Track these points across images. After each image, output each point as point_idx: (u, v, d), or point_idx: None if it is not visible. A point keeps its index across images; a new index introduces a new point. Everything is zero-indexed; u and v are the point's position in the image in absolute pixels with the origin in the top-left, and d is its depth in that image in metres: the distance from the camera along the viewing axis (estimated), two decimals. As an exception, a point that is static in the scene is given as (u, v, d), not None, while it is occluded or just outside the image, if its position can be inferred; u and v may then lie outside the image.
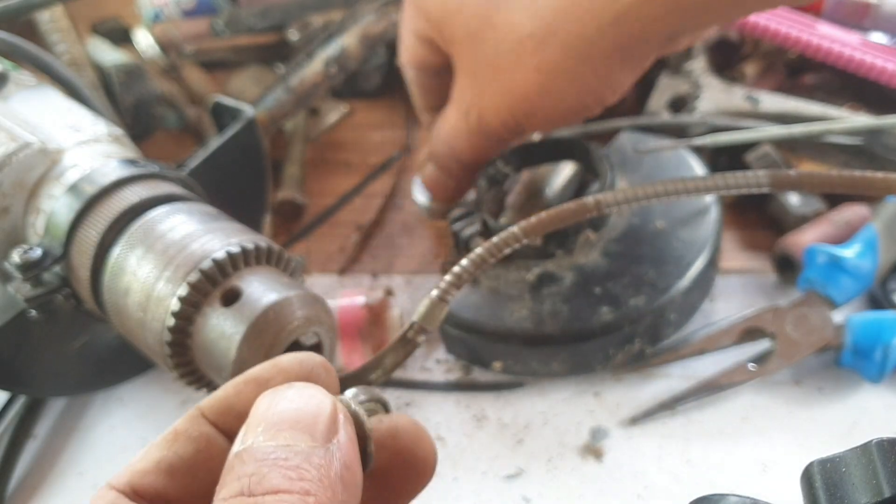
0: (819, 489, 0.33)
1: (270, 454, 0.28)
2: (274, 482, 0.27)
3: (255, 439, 0.29)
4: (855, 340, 0.70)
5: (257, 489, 0.27)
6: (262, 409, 0.30)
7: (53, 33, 1.03)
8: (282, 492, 0.27)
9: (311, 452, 0.28)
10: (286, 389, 0.31)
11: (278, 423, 0.29)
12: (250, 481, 0.27)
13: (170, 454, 0.32)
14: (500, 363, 0.73)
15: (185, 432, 0.33)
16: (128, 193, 0.59)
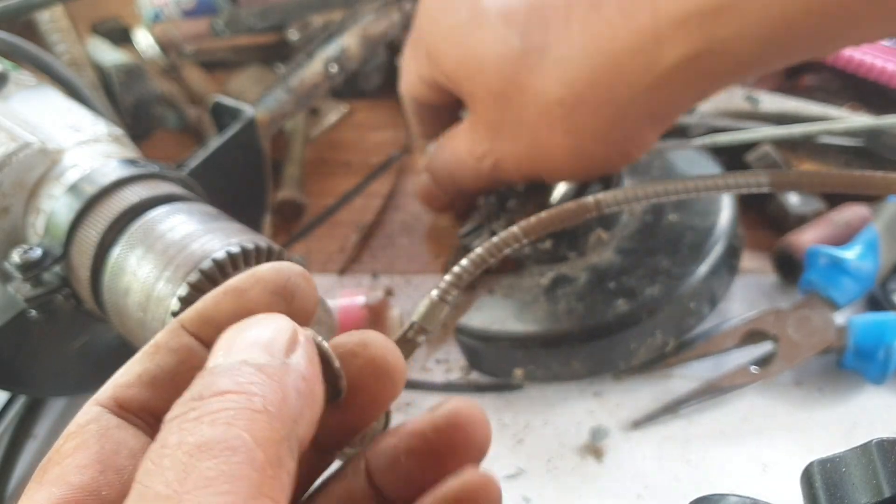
0: (819, 489, 0.33)
1: (226, 368, 0.28)
2: (222, 385, 0.27)
3: (215, 359, 0.29)
4: (857, 342, 0.70)
5: (206, 393, 0.27)
6: (227, 335, 0.31)
7: (53, 33, 1.03)
8: (230, 392, 0.27)
9: (265, 364, 0.28)
10: (248, 320, 0.31)
11: (237, 345, 0.29)
12: (201, 388, 0.27)
13: (151, 366, 0.33)
14: (522, 370, 0.73)
15: (166, 344, 0.33)
16: (128, 193, 0.59)
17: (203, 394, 0.27)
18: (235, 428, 0.26)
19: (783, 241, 0.81)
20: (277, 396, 0.28)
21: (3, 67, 0.72)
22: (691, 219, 0.76)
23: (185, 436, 0.26)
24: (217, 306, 0.33)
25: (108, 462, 0.30)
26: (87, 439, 0.31)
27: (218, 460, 0.25)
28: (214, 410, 0.26)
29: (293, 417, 0.28)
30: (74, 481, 0.29)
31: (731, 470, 0.68)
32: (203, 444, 0.25)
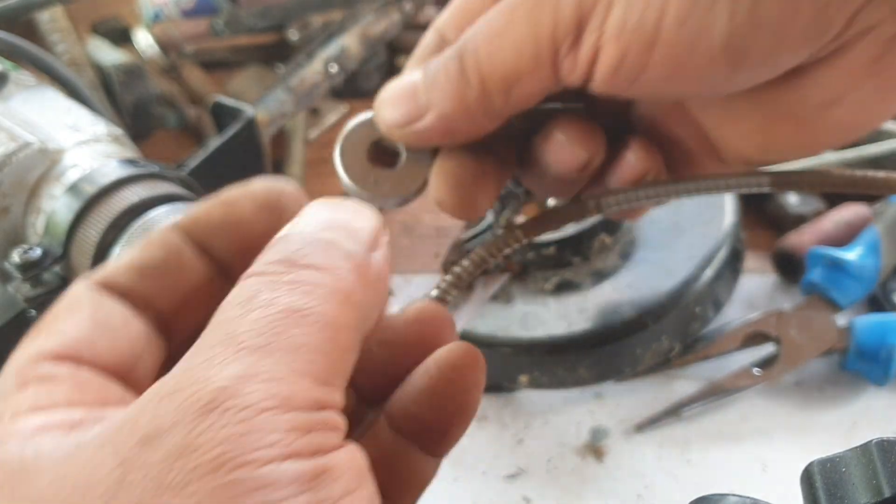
0: (819, 489, 0.33)
1: (318, 239, 0.29)
2: (317, 258, 0.28)
3: (305, 227, 0.29)
4: (859, 344, 0.70)
5: (300, 260, 0.27)
6: (315, 208, 0.31)
7: (53, 33, 1.03)
8: (322, 268, 0.27)
9: (352, 252, 0.29)
10: (341, 203, 0.32)
11: (329, 221, 0.30)
12: (294, 252, 0.28)
13: (139, 255, 0.33)
14: (527, 377, 0.73)
15: (155, 240, 0.33)
16: (127, 193, 0.59)
17: (296, 260, 0.27)
18: (329, 306, 0.26)
19: (783, 241, 0.81)
20: (359, 288, 0.28)
21: (4, 67, 0.72)
22: (695, 223, 0.76)
23: (279, 296, 0.26)
24: (207, 214, 0.34)
25: (101, 322, 0.30)
26: (77, 303, 0.31)
27: (308, 329, 0.25)
28: (309, 281, 0.27)
29: (367, 314, 0.29)
30: (70, 332, 0.29)
31: (731, 470, 0.68)
32: (297, 310, 0.26)
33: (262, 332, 0.25)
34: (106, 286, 0.32)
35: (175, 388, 0.24)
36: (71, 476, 0.24)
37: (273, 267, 0.27)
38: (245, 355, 0.24)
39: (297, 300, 0.26)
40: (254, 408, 0.23)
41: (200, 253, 0.34)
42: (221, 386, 0.23)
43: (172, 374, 0.25)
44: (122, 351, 0.30)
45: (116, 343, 0.30)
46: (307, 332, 0.25)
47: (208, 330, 0.26)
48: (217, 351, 0.24)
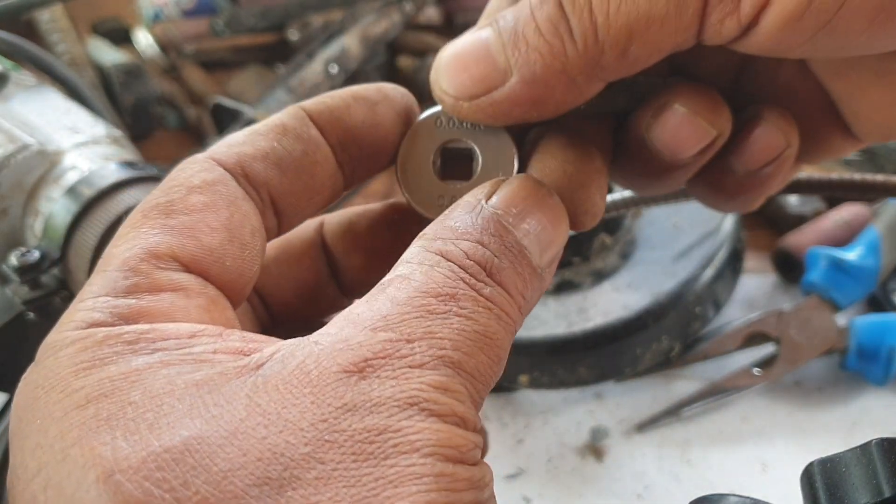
0: (819, 489, 0.32)
1: (516, 248, 0.29)
2: (509, 280, 0.29)
3: (507, 214, 0.30)
4: (860, 344, 0.70)
5: (496, 275, 0.29)
6: (523, 192, 0.31)
7: (53, 33, 1.03)
8: (511, 294, 0.29)
9: (536, 272, 0.30)
10: (550, 192, 0.31)
11: (530, 224, 0.30)
12: (494, 262, 0.29)
13: (279, 148, 0.32)
14: (527, 377, 0.73)
15: (294, 130, 0.33)
16: (126, 196, 0.59)
17: (494, 273, 0.28)
18: (506, 335, 0.28)
19: (783, 241, 0.81)
20: (526, 313, 0.30)
21: (4, 67, 0.72)
22: (695, 224, 0.75)
23: (477, 311, 0.27)
24: (348, 109, 0.34)
25: (235, 232, 0.30)
26: (216, 200, 0.30)
27: (490, 358, 0.27)
28: (501, 305, 0.28)
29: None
30: (205, 241, 0.29)
31: (730, 469, 0.68)
32: (489, 336, 0.27)
33: (459, 348, 0.26)
34: (243, 175, 0.32)
35: (376, 371, 0.25)
36: (271, 413, 0.24)
37: (475, 269, 0.28)
38: (443, 365, 0.26)
39: (491, 326, 0.28)
40: (445, 419, 0.25)
41: (332, 151, 0.34)
42: (422, 394, 0.25)
43: (369, 344, 0.26)
44: (246, 267, 0.31)
45: (244, 261, 0.30)
46: (489, 359, 0.27)
47: (402, 304, 0.27)
48: (419, 349, 0.26)
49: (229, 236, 0.30)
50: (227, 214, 0.30)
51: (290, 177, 0.32)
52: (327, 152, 0.33)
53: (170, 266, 0.29)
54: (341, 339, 0.26)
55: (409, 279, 0.28)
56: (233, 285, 0.30)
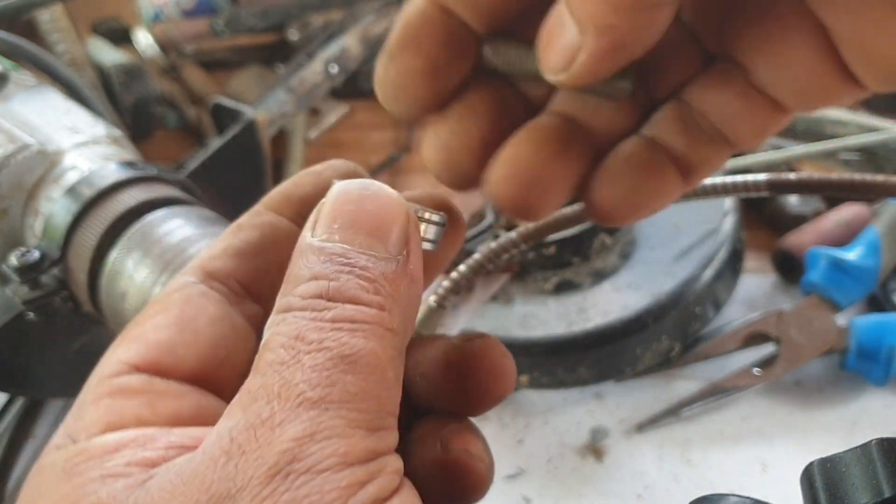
0: (819, 489, 0.32)
1: (348, 258, 0.28)
2: (352, 291, 0.27)
3: (331, 235, 0.29)
4: (860, 344, 0.70)
5: (336, 295, 0.27)
6: (340, 200, 0.30)
7: (53, 33, 1.03)
8: (361, 303, 0.27)
9: (385, 264, 0.29)
10: (365, 185, 0.30)
11: (355, 224, 0.29)
12: (329, 286, 0.27)
13: (235, 241, 0.34)
14: (527, 377, 0.73)
15: (248, 223, 0.34)
16: (126, 197, 0.59)
17: (333, 296, 0.27)
18: (373, 344, 0.27)
19: (783, 240, 0.81)
20: (398, 310, 0.28)
21: (4, 67, 0.72)
22: (695, 223, 0.76)
23: (326, 337, 0.26)
24: (296, 186, 0.35)
25: (186, 324, 0.31)
26: (169, 304, 0.32)
27: (359, 377, 0.26)
28: (351, 318, 0.27)
29: (407, 327, 0.29)
30: (152, 338, 0.30)
31: (730, 469, 0.68)
32: (347, 356, 0.26)
33: (317, 384, 0.25)
34: (203, 273, 0.33)
35: (241, 447, 0.24)
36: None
37: (313, 302, 0.27)
38: (304, 411, 0.25)
39: (345, 344, 0.26)
40: (314, 470, 0.24)
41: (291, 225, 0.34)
42: (284, 449, 0.24)
43: (236, 423, 0.25)
44: (205, 354, 0.31)
45: (200, 346, 0.31)
46: (357, 378, 0.26)
47: (261, 372, 0.26)
48: (277, 407, 0.25)
49: (179, 329, 0.31)
50: (177, 312, 0.31)
51: (253, 261, 0.33)
52: (287, 227, 0.34)
53: (115, 372, 0.29)
54: (217, 431, 0.26)
55: (266, 343, 0.27)
56: (197, 374, 0.30)
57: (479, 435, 0.36)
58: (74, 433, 0.28)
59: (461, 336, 0.36)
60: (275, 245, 0.34)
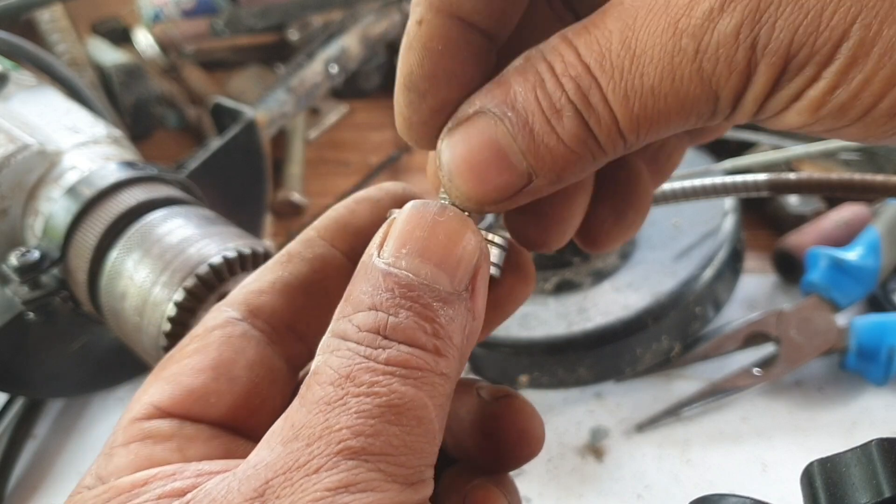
0: (819, 489, 0.32)
1: (412, 290, 0.27)
2: (409, 332, 0.27)
3: (397, 260, 0.28)
4: (859, 344, 0.70)
5: (393, 334, 0.27)
6: (411, 223, 0.29)
7: (53, 33, 1.03)
8: (417, 346, 0.27)
9: (447, 300, 0.28)
10: (440, 211, 0.29)
11: (424, 252, 0.28)
12: (387, 321, 0.27)
13: (285, 274, 0.33)
14: (527, 376, 0.73)
15: (299, 254, 0.33)
16: (125, 197, 0.59)
17: (389, 333, 0.26)
18: (422, 394, 0.26)
19: (783, 241, 0.80)
20: (456, 352, 0.27)
21: (4, 67, 0.72)
22: (695, 224, 0.75)
23: (377, 381, 0.26)
24: (353, 214, 0.34)
25: (223, 369, 0.31)
26: (208, 343, 0.31)
27: (405, 429, 0.25)
28: (406, 364, 0.26)
29: (459, 371, 0.28)
30: (186, 382, 0.30)
31: (730, 469, 0.68)
32: (395, 407, 0.25)
33: (360, 432, 0.25)
34: (248, 310, 0.32)
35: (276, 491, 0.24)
36: None
37: (368, 337, 0.27)
38: (342, 460, 0.24)
39: (395, 392, 0.26)
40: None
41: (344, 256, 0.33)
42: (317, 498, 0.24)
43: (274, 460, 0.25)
44: (239, 401, 0.31)
45: (235, 394, 0.31)
46: (403, 430, 0.25)
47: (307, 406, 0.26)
48: (317, 451, 0.25)
49: (214, 374, 0.30)
50: (216, 354, 0.31)
51: (300, 299, 0.33)
52: (340, 262, 0.33)
53: (147, 415, 0.30)
54: (253, 464, 0.25)
55: (317, 373, 0.27)
56: (229, 420, 0.30)
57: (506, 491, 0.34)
58: (105, 475, 0.28)
59: (491, 391, 0.35)
60: (325, 281, 0.33)
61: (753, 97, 0.27)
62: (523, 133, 0.29)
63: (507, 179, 0.30)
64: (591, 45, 0.28)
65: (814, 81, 0.27)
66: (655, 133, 0.29)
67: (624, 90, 0.28)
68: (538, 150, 0.29)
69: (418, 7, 0.33)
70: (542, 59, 0.29)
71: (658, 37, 0.27)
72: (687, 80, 0.27)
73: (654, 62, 0.27)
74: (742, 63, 0.27)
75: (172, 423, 0.29)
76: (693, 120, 0.28)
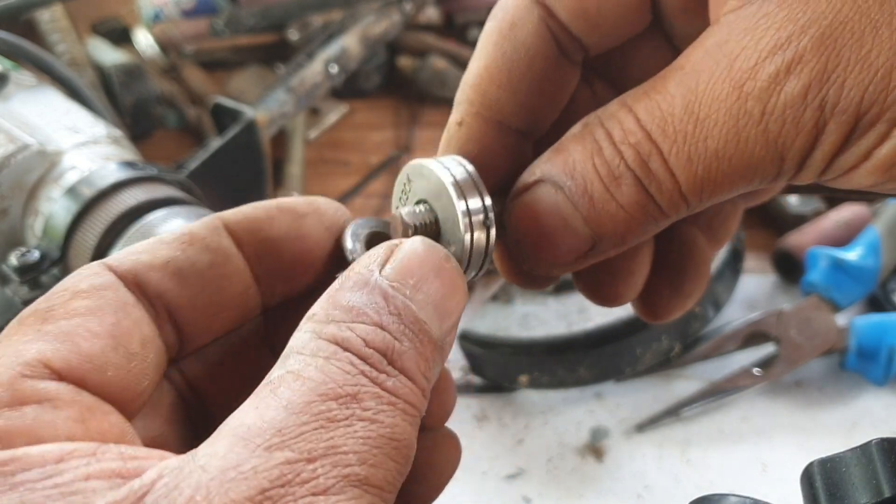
0: (819, 489, 0.32)
1: (416, 325, 0.27)
2: (410, 365, 0.26)
3: (402, 289, 0.27)
4: (860, 344, 0.70)
5: (398, 362, 0.26)
6: (420, 259, 0.28)
7: (53, 33, 1.03)
8: (414, 382, 0.26)
9: (437, 345, 0.28)
10: (446, 257, 0.29)
11: (428, 292, 0.28)
12: (395, 348, 0.26)
13: (182, 256, 0.30)
14: (527, 377, 0.72)
15: (203, 239, 0.30)
16: (125, 196, 0.59)
17: (396, 361, 0.26)
18: (412, 431, 0.26)
19: (783, 241, 0.80)
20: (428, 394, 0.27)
21: (4, 67, 0.72)
22: None
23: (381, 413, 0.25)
24: (271, 220, 0.31)
25: (122, 340, 0.27)
26: (102, 305, 0.27)
27: (398, 465, 0.25)
28: (406, 399, 0.26)
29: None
30: (84, 347, 0.26)
31: (730, 469, 0.68)
32: (394, 441, 0.25)
33: (366, 460, 0.24)
34: (136, 283, 0.29)
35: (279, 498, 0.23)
36: None
37: (376, 358, 0.26)
38: (349, 487, 0.24)
39: (397, 427, 0.25)
40: None
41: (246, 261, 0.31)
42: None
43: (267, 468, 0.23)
44: (133, 378, 0.27)
45: (131, 370, 0.27)
46: (397, 466, 0.25)
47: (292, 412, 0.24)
48: (321, 471, 0.23)
49: (113, 343, 0.27)
50: (113, 320, 0.27)
51: (191, 289, 0.30)
52: (240, 265, 0.31)
53: (37, 374, 0.25)
54: (232, 465, 0.23)
55: (303, 377, 0.25)
56: (118, 397, 0.27)
57: None
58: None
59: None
60: (223, 278, 0.30)
61: (822, 156, 0.28)
62: (583, 201, 0.30)
63: (571, 244, 0.31)
64: (652, 110, 0.29)
65: (885, 139, 0.27)
66: (719, 195, 0.29)
67: (687, 154, 0.28)
68: (599, 218, 0.30)
69: (460, 107, 0.34)
70: (599, 125, 0.30)
71: (722, 101, 0.28)
72: (752, 142, 0.27)
73: (719, 126, 0.28)
74: (810, 123, 0.27)
75: (70, 389, 0.25)
76: (757, 181, 0.29)
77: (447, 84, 1.04)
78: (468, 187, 0.32)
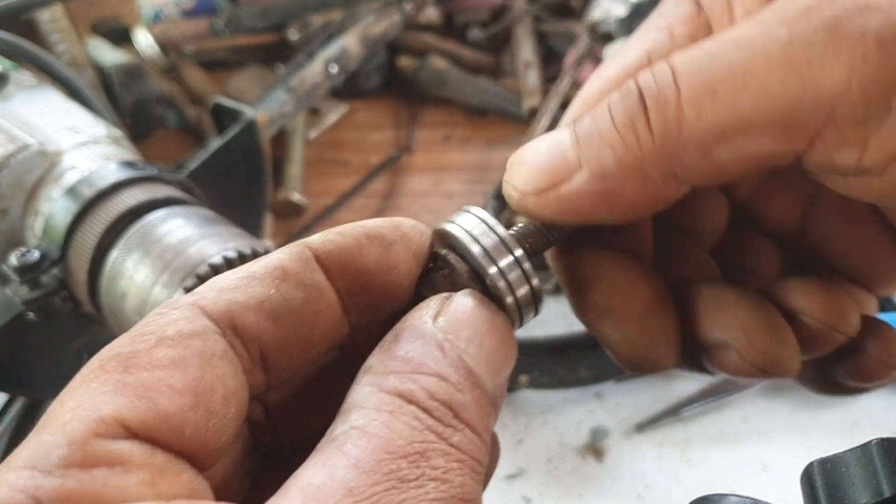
0: (819, 489, 0.32)
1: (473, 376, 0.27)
2: (473, 417, 0.26)
3: (456, 342, 0.27)
4: (859, 343, 0.70)
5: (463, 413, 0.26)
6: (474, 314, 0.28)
7: (53, 33, 1.03)
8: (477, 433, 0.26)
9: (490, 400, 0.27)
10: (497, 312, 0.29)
11: (481, 347, 0.27)
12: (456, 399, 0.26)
13: (276, 295, 0.28)
14: (527, 377, 0.72)
15: (297, 275, 0.29)
16: (125, 197, 0.59)
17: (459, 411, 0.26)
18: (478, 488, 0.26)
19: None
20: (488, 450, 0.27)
21: (4, 67, 0.72)
22: None
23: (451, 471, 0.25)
24: (361, 251, 0.30)
25: (202, 398, 0.26)
26: (186, 357, 0.26)
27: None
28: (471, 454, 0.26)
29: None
30: (162, 404, 0.25)
31: (730, 469, 0.68)
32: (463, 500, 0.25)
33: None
34: (231, 326, 0.28)
35: None
36: None
37: (441, 410, 0.25)
38: None
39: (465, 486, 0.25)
40: None
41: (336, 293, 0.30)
42: None
43: None
44: (211, 436, 0.26)
45: (209, 430, 0.26)
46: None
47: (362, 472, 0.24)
48: None
49: (194, 402, 0.26)
50: (197, 375, 0.26)
51: (285, 329, 0.28)
52: (332, 299, 0.29)
53: (112, 433, 0.24)
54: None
55: (369, 433, 0.24)
56: (194, 454, 0.26)
57: None
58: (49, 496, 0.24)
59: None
60: (316, 315, 0.29)
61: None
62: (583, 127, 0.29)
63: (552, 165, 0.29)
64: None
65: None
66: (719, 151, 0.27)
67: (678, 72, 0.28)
68: (589, 136, 0.29)
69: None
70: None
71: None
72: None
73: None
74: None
75: (143, 449, 0.24)
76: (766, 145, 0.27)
77: (447, 84, 1.04)
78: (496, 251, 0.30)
